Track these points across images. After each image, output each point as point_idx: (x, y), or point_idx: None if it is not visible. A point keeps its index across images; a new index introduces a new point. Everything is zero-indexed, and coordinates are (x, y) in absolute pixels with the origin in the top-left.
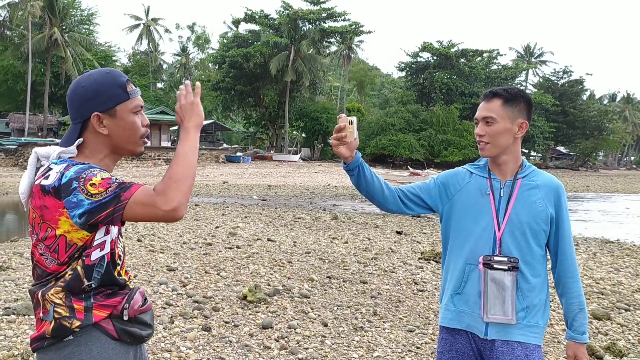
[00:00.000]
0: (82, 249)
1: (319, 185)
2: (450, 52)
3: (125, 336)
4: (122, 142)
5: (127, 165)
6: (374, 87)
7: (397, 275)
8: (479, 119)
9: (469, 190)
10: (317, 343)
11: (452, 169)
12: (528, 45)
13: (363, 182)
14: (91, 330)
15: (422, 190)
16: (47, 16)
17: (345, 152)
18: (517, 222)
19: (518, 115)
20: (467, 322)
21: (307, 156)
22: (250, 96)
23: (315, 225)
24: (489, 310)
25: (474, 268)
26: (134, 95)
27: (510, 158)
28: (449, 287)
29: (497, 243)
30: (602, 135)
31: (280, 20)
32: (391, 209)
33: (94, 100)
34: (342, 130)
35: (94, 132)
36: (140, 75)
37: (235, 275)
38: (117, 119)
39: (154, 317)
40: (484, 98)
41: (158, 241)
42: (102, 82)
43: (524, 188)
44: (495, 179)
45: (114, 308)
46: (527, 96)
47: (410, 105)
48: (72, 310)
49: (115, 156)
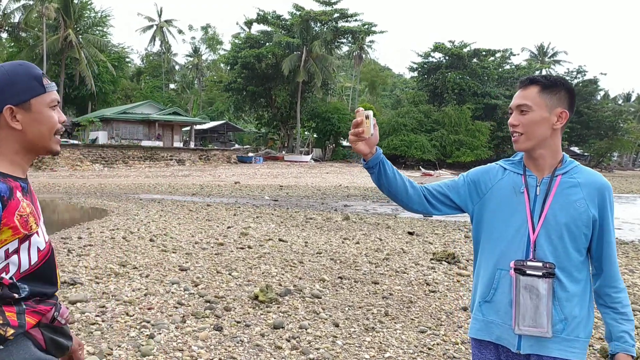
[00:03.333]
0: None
1: (331, 185)
2: (463, 52)
3: (52, 346)
4: (37, 138)
5: (140, 166)
6: (385, 87)
7: (408, 276)
8: (512, 107)
9: (502, 188)
10: (328, 343)
11: (484, 165)
12: (541, 44)
13: (384, 181)
14: (22, 339)
15: (450, 188)
16: (62, 18)
17: (364, 149)
18: (554, 223)
19: (557, 104)
20: (497, 334)
21: (319, 157)
22: (262, 97)
23: (326, 225)
24: (520, 321)
25: (505, 274)
26: (51, 89)
27: (548, 152)
28: (477, 294)
29: (530, 246)
30: (616, 136)
31: (292, 21)
32: (416, 209)
33: (6, 92)
34: (359, 125)
35: (6, 128)
36: (153, 76)
37: (246, 275)
38: (32, 113)
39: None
40: (519, 85)
41: (170, 241)
42: (16, 72)
43: (564, 186)
44: (531, 176)
45: (43, 315)
46: (568, 84)
47: (422, 105)
48: (4, 316)
49: (29, 155)
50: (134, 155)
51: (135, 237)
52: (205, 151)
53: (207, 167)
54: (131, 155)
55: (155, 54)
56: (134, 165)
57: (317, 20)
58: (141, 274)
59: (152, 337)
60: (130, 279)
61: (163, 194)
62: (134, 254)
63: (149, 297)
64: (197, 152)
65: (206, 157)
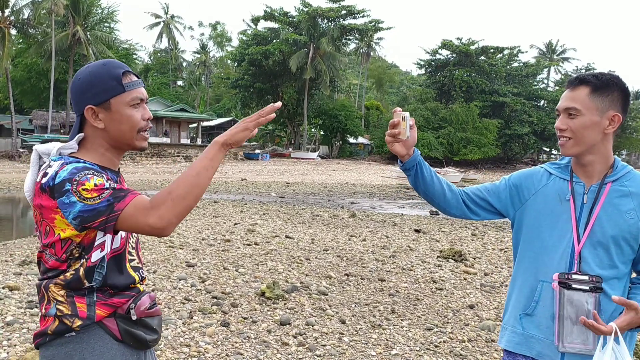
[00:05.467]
0: (82, 248)
1: (337, 182)
2: (470, 49)
3: (129, 338)
4: (119, 136)
5: (147, 162)
6: (392, 84)
7: (415, 274)
8: (560, 109)
9: (546, 194)
10: (335, 340)
11: (529, 168)
12: (550, 42)
13: (421, 183)
14: (94, 328)
15: (490, 192)
16: (70, 14)
17: (401, 150)
18: (600, 235)
19: (609, 107)
20: (538, 350)
21: (326, 154)
22: (269, 94)
23: (333, 222)
24: (565, 337)
25: (547, 286)
26: (132, 88)
27: (598, 158)
28: (516, 306)
29: (575, 258)
30: (625, 134)
31: (300, 17)
32: (454, 213)
33: (87, 93)
34: (396, 127)
35: (91, 126)
36: (161, 73)
37: (253, 272)
38: (112, 112)
39: (162, 323)
40: (568, 85)
41: (177, 237)
42: (96, 74)
43: (614, 195)
44: (579, 183)
45: (118, 307)
46: (622, 84)
47: (429, 103)
48: (74, 307)
49: (117, 150)
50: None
51: None
52: None
53: None
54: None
55: (163, 50)
56: (141, 162)
57: (324, 17)
58: (148, 269)
59: None
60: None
61: None
62: (141, 250)
63: (156, 293)
64: (204, 148)
65: None
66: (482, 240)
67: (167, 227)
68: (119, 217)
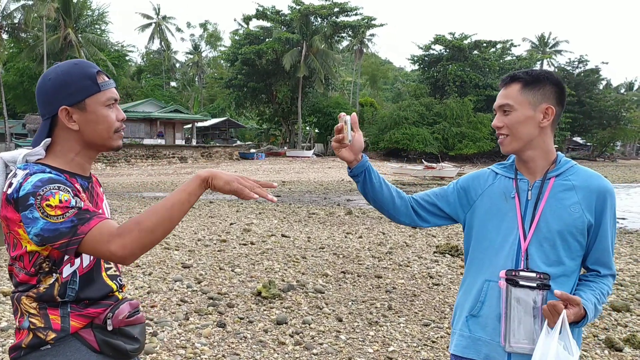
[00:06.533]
0: (52, 262)
1: (333, 180)
2: (463, 44)
3: (107, 349)
4: (95, 137)
5: (142, 164)
6: (386, 81)
7: (412, 270)
8: (496, 108)
9: (492, 193)
10: (332, 338)
11: (476, 170)
12: (542, 35)
13: (370, 190)
14: (70, 340)
15: (438, 197)
16: (61, 17)
17: (348, 156)
18: (546, 230)
19: (542, 100)
20: (486, 353)
21: (321, 152)
22: (263, 93)
23: (329, 220)
24: (511, 336)
25: (494, 285)
26: (106, 87)
27: (538, 153)
28: (463, 308)
29: (522, 255)
30: (619, 125)
31: (292, 16)
32: (403, 220)
33: (60, 93)
34: (340, 131)
35: (64, 129)
36: (154, 74)
37: (249, 272)
38: (87, 112)
39: (145, 331)
40: (501, 84)
41: (173, 238)
42: (70, 73)
43: (557, 189)
44: (523, 180)
45: (94, 318)
46: (553, 78)
47: (423, 98)
48: (48, 319)
49: (90, 152)
50: (136, 153)
51: None
52: (207, 148)
53: (210, 164)
54: (133, 153)
55: (156, 52)
56: (136, 164)
57: (316, 15)
58: (144, 271)
59: (155, 335)
60: (133, 277)
61: (166, 191)
62: None
63: (152, 295)
64: (199, 149)
65: (208, 154)
66: None
67: (128, 257)
68: (82, 241)
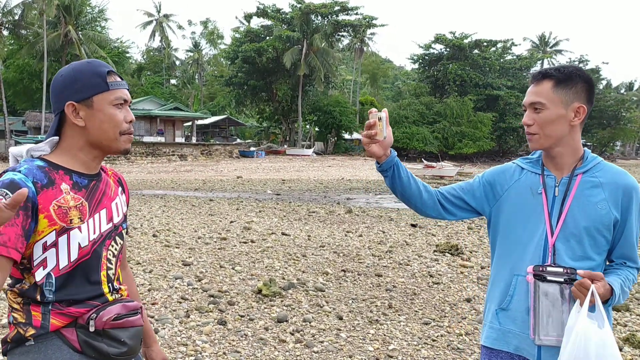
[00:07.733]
0: (23, 265)
1: (333, 179)
2: (464, 43)
3: (89, 350)
4: (100, 136)
5: (142, 162)
6: (386, 79)
7: (412, 268)
8: (526, 105)
9: (519, 188)
10: (332, 336)
11: (501, 165)
12: (543, 34)
13: (398, 185)
14: (52, 338)
15: (464, 191)
16: (62, 14)
17: (378, 151)
18: (573, 226)
19: (574, 99)
20: (516, 344)
21: (321, 150)
22: (263, 91)
23: (329, 219)
24: (540, 330)
25: (522, 280)
26: (116, 87)
27: (567, 150)
28: (493, 301)
29: (549, 251)
30: (619, 125)
31: (293, 14)
32: (430, 214)
33: (69, 89)
34: (372, 127)
35: (70, 125)
36: (154, 72)
37: (250, 270)
38: (93, 110)
39: (140, 335)
40: (532, 80)
41: (173, 236)
42: (81, 70)
43: (584, 186)
44: (550, 176)
45: (78, 317)
46: (585, 75)
47: (423, 97)
48: (30, 315)
49: (95, 151)
50: (136, 151)
51: (138, 232)
52: (207, 146)
53: (209, 162)
54: (133, 151)
55: (156, 49)
56: (136, 161)
57: (317, 14)
58: (145, 269)
59: (156, 332)
60: (133, 275)
61: (166, 189)
62: (137, 250)
63: (152, 293)
64: (199, 147)
65: (208, 152)
66: (479, 233)
67: None
68: None
